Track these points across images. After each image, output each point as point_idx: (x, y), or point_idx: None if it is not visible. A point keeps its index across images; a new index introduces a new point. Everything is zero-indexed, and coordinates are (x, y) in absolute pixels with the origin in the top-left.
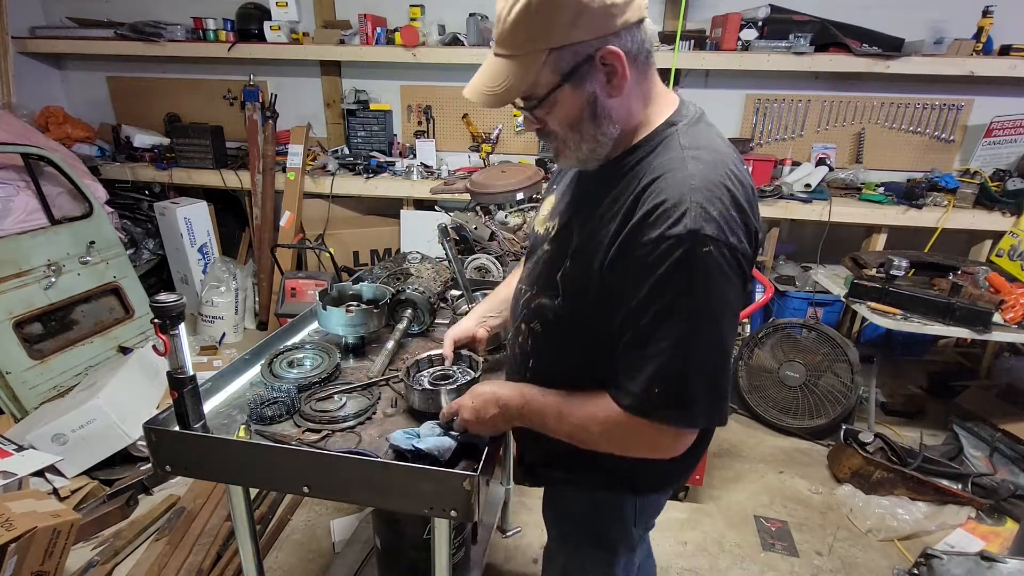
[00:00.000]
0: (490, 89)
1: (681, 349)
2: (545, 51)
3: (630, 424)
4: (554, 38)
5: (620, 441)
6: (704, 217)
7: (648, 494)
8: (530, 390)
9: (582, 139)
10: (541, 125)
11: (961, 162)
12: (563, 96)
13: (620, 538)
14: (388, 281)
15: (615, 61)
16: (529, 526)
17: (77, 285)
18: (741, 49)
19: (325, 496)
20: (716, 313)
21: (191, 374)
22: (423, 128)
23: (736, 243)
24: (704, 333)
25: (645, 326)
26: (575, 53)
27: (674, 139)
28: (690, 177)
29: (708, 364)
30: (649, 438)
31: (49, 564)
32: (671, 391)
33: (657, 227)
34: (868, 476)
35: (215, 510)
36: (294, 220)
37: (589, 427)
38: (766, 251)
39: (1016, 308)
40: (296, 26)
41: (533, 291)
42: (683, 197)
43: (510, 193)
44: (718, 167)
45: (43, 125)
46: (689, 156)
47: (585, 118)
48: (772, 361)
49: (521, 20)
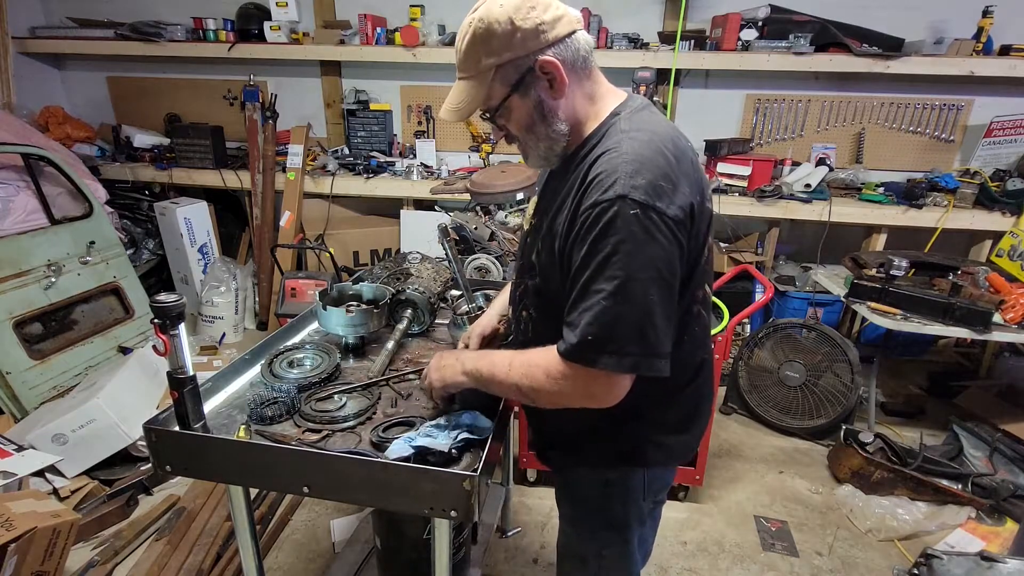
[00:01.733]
0: (455, 106)
1: (610, 299)
2: (492, 68)
3: (567, 370)
4: (496, 57)
5: (560, 388)
6: (632, 185)
7: (655, 467)
8: (490, 352)
9: (538, 139)
10: (505, 132)
11: (961, 162)
12: (514, 104)
13: (633, 514)
14: (388, 281)
15: (552, 69)
16: (529, 526)
17: (77, 285)
18: (741, 49)
19: (325, 496)
20: (643, 269)
21: (191, 374)
22: (423, 128)
23: (664, 207)
24: (632, 286)
25: (583, 282)
26: (517, 67)
27: (616, 125)
28: (623, 153)
29: (636, 314)
30: (584, 384)
31: (49, 564)
32: (601, 337)
33: (592, 195)
34: (868, 476)
35: (215, 510)
36: (294, 220)
37: (534, 374)
38: (766, 251)
39: (1016, 308)
40: (296, 26)
41: (521, 276)
42: (616, 168)
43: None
44: (652, 143)
45: (43, 125)
46: (626, 137)
47: (536, 120)
48: (772, 361)
49: (470, 47)
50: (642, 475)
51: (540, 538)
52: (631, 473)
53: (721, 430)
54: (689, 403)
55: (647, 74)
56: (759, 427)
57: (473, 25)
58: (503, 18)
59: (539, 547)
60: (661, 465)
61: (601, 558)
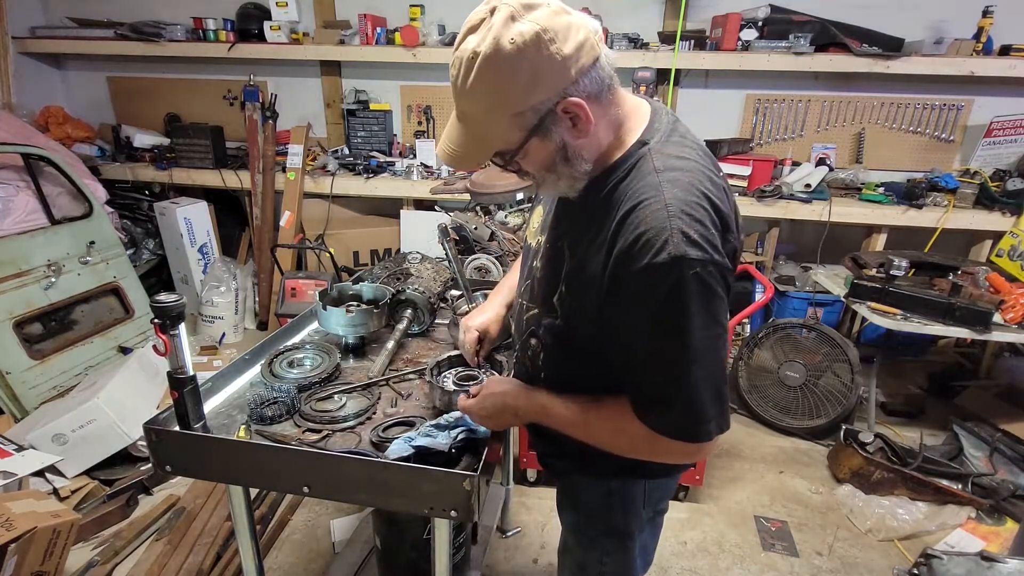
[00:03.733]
0: (456, 151)
1: (690, 372)
2: (507, 116)
3: (659, 441)
4: (513, 105)
5: (650, 452)
6: (686, 242)
7: (658, 478)
8: (549, 400)
9: (559, 178)
10: (516, 168)
11: (961, 162)
12: (532, 147)
13: (634, 523)
14: (388, 281)
15: (577, 110)
16: (529, 526)
17: (77, 285)
18: (741, 49)
19: (325, 496)
20: (713, 330)
21: (191, 374)
22: (423, 128)
23: (719, 259)
24: (707, 352)
25: (656, 352)
26: (536, 111)
27: (647, 162)
28: (667, 204)
29: (713, 379)
30: (676, 451)
31: (49, 564)
32: (689, 413)
33: (642, 258)
34: (868, 476)
35: (215, 510)
36: (294, 220)
37: (618, 442)
38: (766, 251)
39: (1016, 308)
40: (296, 26)
41: (535, 309)
42: (663, 225)
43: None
44: (693, 188)
45: (43, 125)
46: (664, 180)
47: (557, 161)
48: (772, 361)
49: (477, 90)
50: (643, 485)
51: (540, 538)
52: (632, 483)
53: None
54: None
55: (647, 74)
56: (759, 427)
57: (478, 62)
58: (516, 58)
59: (539, 547)
60: (664, 476)
61: (602, 565)
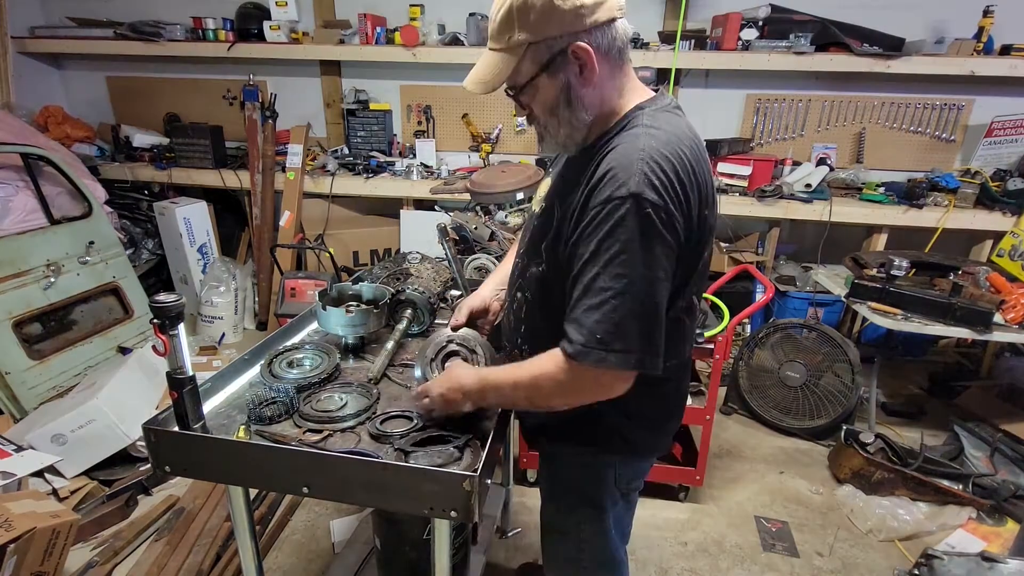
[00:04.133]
0: (481, 78)
1: (618, 297)
2: (524, 45)
3: (576, 372)
4: (530, 34)
5: (569, 390)
6: (646, 183)
7: (629, 459)
8: (486, 370)
9: (559, 123)
10: (528, 111)
11: (962, 162)
12: (541, 84)
13: (607, 496)
14: (388, 281)
15: (585, 56)
16: (529, 526)
17: (76, 285)
18: (741, 49)
19: (325, 496)
20: (651, 269)
21: (190, 374)
22: (423, 128)
23: (673, 209)
24: (640, 286)
25: (589, 279)
26: (549, 47)
27: (639, 118)
28: (640, 148)
29: (642, 313)
30: (592, 383)
31: (48, 564)
32: (609, 335)
33: (606, 190)
34: (869, 476)
35: (215, 510)
36: (294, 220)
37: (541, 384)
38: (767, 251)
39: (1017, 308)
40: (296, 26)
41: (524, 261)
42: (631, 164)
43: (510, 193)
44: (670, 144)
45: (42, 125)
46: (645, 132)
47: (561, 104)
48: (772, 361)
49: (504, 20)
50: (614, 467)
51: (539, 538)
52: (605, 459)
53: (721, 430)
54: (661, 403)
55: (647, 74)
56: (759, 427)
57: None
58: None
59: (539, 547)
60: (631, 455)
61: (580, 531)
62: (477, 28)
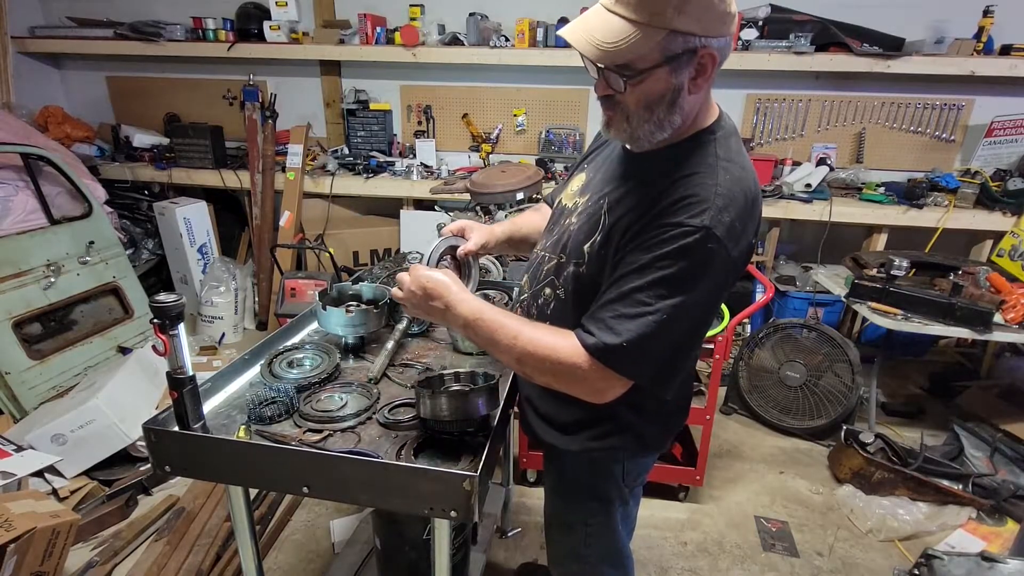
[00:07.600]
0: (602, 44)
1: (660, 319)
2: (666, 31)
3: (589, 365)
4: (679, 22)
5: (571, 377)
6: (719, 220)
7: (637, 455)
8: (490, 309)
9: (650, 119)
10: (612, 93)
11: (962, 162)
12: (657, 76)
13: (614, 491)
14: (388, 281)
15: (709, 63)
16: (529, 526)
17: (76, 285)
18: (741, 49)
19: (325, 496)
20: (703, 302)
21: (191, 374)
22: (423, 128)
23: (734, 251)
24: (687, 314)
25: (633, 288)
26: (685, 42)
27: (711, 147)
28: (718, 184)
29: (678, 340)
30: (598, 380)
31: (48, 564)
32: (635, 348)
33: (679, 214)
34: (869, 476)
35: (215, 510)
36: (294, 220)
37: (545, 356)
38: (766, 251)
39: (1017, 308)
40: (296, 26)
41: (560, 259)
42: (708, 197)
43: (510, 193)
44: (742, 183)
45: (42, 125)
46: (721, 166)
47: (665, 102)
48: (773, 361)
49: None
50: (622, 463)
51: (540, 538)
52: (613, 460)
53: (721, 430)
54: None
55: None
56: (759, 427)
57: None
58: None
59: (539, 547)
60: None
61: (587, 526)
62: (477, 28)
